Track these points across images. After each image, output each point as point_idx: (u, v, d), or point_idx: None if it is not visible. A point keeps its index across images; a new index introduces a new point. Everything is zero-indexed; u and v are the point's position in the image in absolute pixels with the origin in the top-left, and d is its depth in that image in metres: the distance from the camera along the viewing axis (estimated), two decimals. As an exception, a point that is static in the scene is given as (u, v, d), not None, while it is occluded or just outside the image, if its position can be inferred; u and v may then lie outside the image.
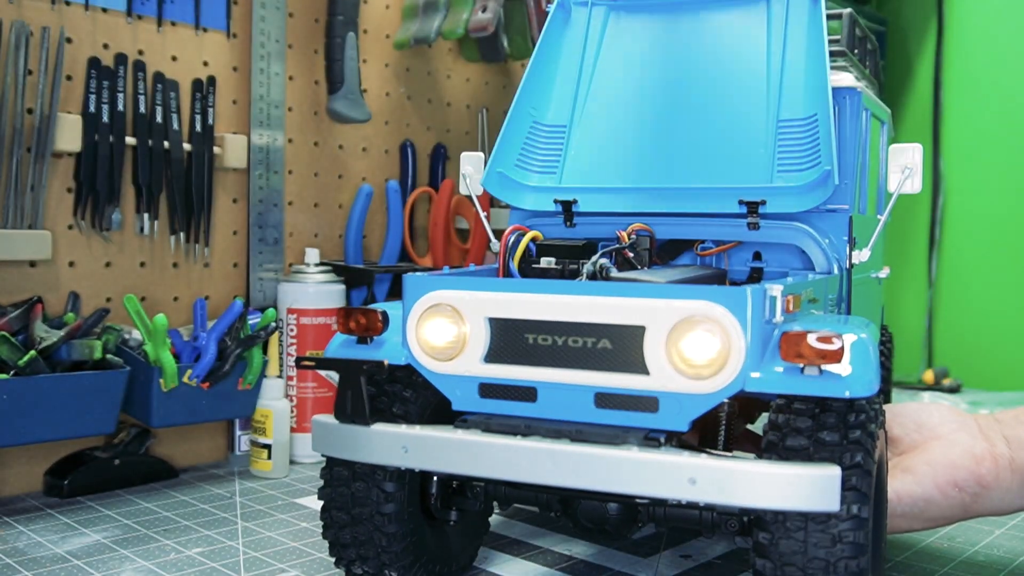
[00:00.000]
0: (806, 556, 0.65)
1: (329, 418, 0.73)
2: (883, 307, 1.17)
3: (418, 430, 0.71)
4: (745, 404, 0.87)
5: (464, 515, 0.85)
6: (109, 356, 1.12)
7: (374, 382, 0.77)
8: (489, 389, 0.72)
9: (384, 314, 0.73)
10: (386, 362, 0.71)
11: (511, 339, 0.71)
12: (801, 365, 0.65)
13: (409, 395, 0.77)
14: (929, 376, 1.97)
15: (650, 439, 0.68)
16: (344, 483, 0.77)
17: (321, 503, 0.80)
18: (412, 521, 0.78)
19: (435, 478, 0.81)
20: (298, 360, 0.73)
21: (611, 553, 0.96)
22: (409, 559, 0.78)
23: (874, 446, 0.67)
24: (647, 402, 0.68)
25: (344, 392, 0.72)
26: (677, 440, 0.69)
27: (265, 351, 1.24)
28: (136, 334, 1.17)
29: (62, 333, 1.08)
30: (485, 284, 0.72)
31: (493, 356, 0.71)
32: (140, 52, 1.24)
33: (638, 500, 0.73)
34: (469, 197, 0.99)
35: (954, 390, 1.93)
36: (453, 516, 0.83)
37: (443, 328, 0.72)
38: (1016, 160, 2.00)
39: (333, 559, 0.81)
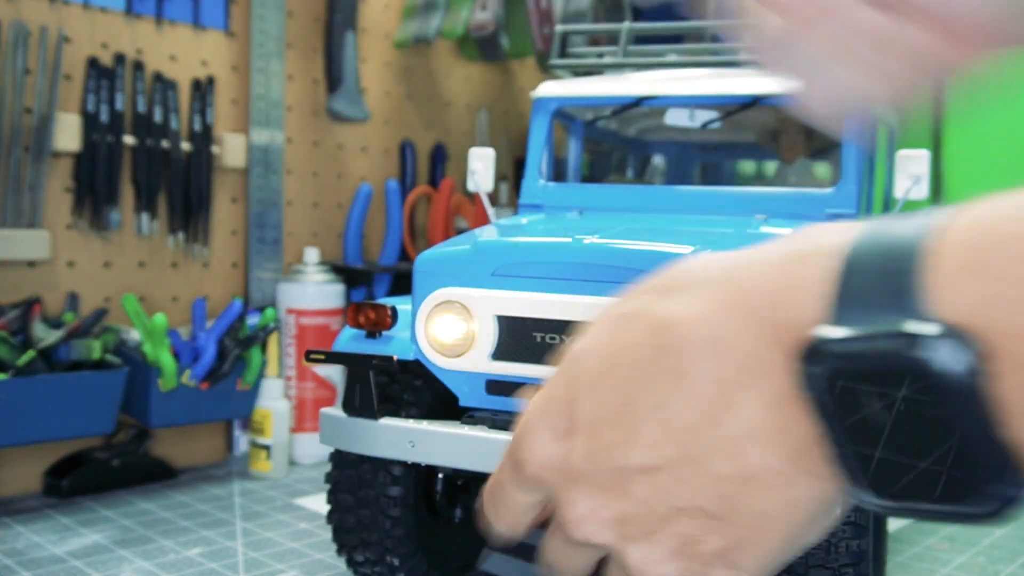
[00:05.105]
0: (807, 564, 0.66)
1: (337, 411, 0.74)
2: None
3: (425, 425, 0.71)
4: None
5: (469, 513, 0.85)
6: (108, 356, 1.12)
7: (383, 376, 0.77)
8: (496, 386, 0.72)
9: (393, 309, 0.73)
10: (395, 357, 0.71)
11: (519, 337, 0.71)
12: None
13: (417, 390, 0.77)
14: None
15: None
16: (352, 465, 0.78)
17: (328, 487, 0.80)
18: (417, 513, 0.78)
19: (440, 475, 0.81)
20: (308, 354, 0.73)
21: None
22: (411, 547, 0.78)
23: None
24: None
25: (353, 386, 0.72)
26: None
27: (264, 351, 1.23)
28: (135, 334, 1.17)
29: (61, 333, 1.07)
30: (494, 282, 0.72)
31: (501, 353, 0.72)
32: (139, 51, 1.24)
33: None
34: (470, 195, 0.98)
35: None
36: (458, 514, 0.83)
37: (452, 325, 0.72)
38: (1017, 161, 2.00)
39: (336, 546, 0.81)
